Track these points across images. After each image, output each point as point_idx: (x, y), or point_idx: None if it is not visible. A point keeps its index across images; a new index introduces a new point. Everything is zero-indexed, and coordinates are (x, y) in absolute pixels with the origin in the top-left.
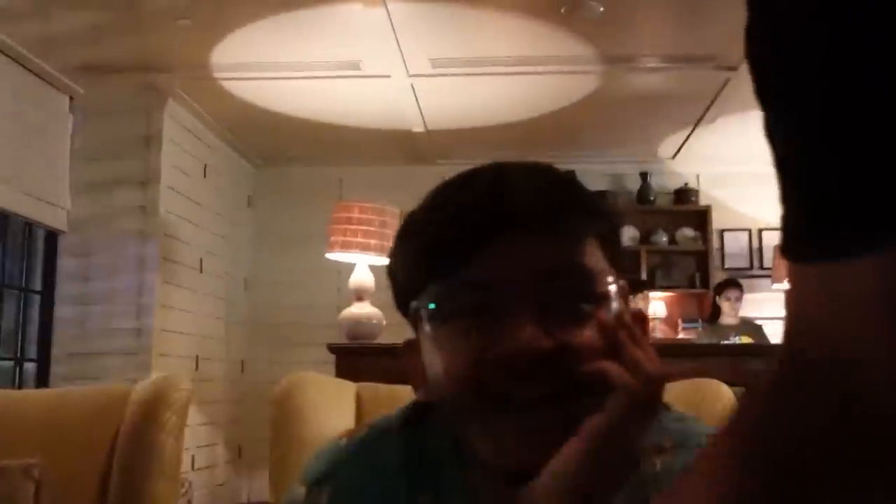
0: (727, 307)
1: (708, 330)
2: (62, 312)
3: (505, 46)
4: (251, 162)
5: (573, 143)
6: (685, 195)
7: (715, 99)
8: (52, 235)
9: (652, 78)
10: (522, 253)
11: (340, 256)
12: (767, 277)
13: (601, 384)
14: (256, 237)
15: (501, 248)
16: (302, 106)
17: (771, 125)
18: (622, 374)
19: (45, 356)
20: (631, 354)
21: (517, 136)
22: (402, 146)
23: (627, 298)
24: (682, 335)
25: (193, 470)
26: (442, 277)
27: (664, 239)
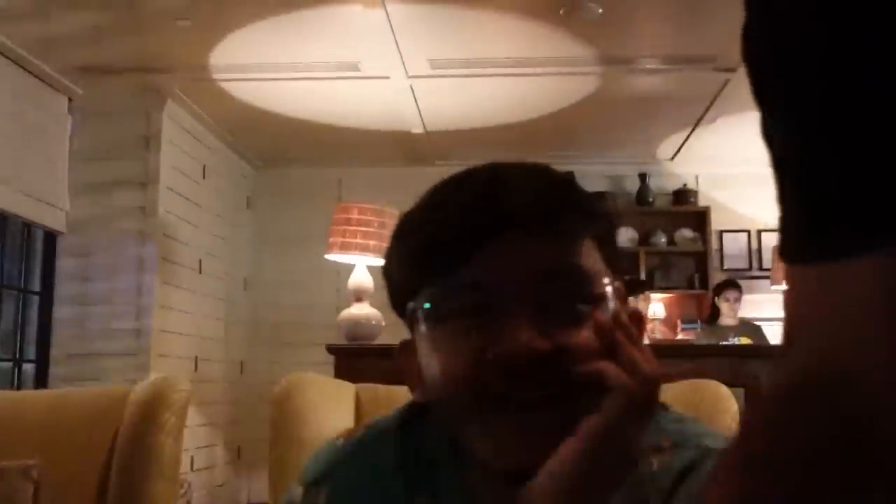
0: (726, 308)
1: (707, 331)
2: (61, 313)
3: (504, 48)
4: (250, 163)
5: (572, 144)
6: (684, 196)
7: (714, 100)
8: (50, 236)
9: (651, 79)
10: (520, 254)
11: (339, 257)
12: (766, 278)
13: (598, 384)
14: (256, 238)
15: (498, 248)
16: (301, 107)
17: (769, 126)
18: (619, 374)
19: (43, 357)
20: (628, 355)
21: (516, 137)
22: (401, 147)
23: (624, 299)
24: (681, 336)
25: (193, 471)
26: (438, 278)
27: (663, 240)
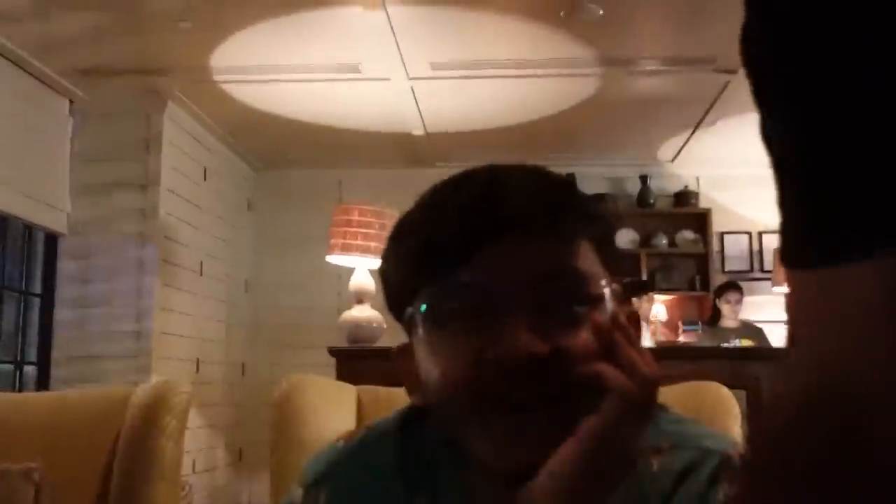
0: (727, 310)
1: (708, 333)
2: (62, 315)
3: (504, 49)
4: (251, 165)
5: (573, 145)
6: (685, 198)
7: (715, 102)
8: (51, 238)
9: (652, 80)
10: (518, 255)
11: (340, 259)
12: (767, 280)
13: (597, 386)
14: (256, 240)
15: (497, 250)
16: (302, 109)
17: (768, 127)
18: (618, 375)
19: (45, 359)
20: (626, 356)
21: (517, 138)
22: (401, 149)
23: (622, 300)
24: (682, 338)
25: (194, 473)
26: (437, 278)
27: (664, 242)
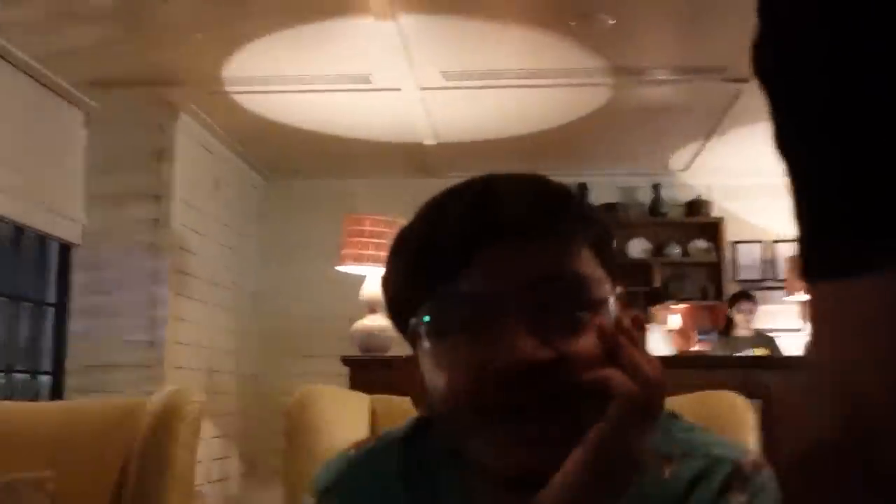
0: (740, 319)
1: (722, 342)
2: (76, 325)
3: (515, 59)
4: (262, 174)
5: (584, 155)
6: (697, 207)
7: (726, 111)
8: (65, 249)
9: (662, 90)
10: (516, 258)
11: (353, 269)
12: (781, 289)
13: (602, 391)
14: (267, 249)
15: (494, 254)
16: (312, 119)
17: (780, 137)
18: (624, 381)
19: (59, 369)
20: (631, 359)
21: (528, 148)
22: (412, 159)
23: (624, 305)
24: (696, 347)
25: (208, 483)
26: (437, 285)
27: (677, 251)
